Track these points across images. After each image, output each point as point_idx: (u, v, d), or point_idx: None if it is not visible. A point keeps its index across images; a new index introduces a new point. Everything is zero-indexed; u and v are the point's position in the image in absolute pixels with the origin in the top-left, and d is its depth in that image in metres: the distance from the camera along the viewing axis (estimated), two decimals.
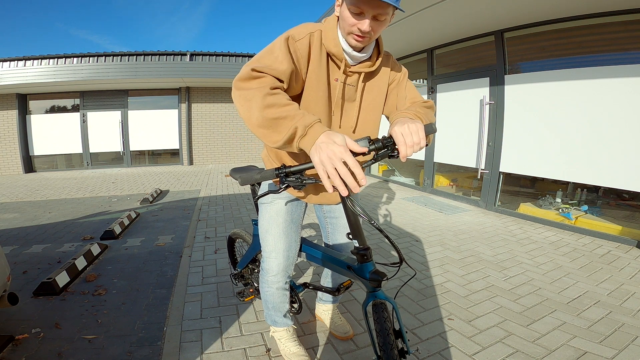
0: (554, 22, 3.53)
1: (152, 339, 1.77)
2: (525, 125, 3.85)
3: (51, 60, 8.65)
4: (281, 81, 1.01)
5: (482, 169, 4.32)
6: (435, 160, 5.28)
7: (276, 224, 1.35)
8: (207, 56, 9.63)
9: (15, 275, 2.53)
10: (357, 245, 1.13)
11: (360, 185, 0.79)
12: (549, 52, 3.77)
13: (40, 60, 8.62)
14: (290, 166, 0.97)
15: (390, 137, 0.96)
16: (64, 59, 8.76)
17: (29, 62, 8.55)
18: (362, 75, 1.17)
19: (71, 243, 3.31)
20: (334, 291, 1.52)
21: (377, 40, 1.17)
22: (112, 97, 9.69)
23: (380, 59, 1.18)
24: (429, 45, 5.09)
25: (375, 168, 7.15)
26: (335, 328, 1.75)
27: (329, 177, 0.80)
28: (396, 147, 0.94)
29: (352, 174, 0.79)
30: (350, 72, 1.16)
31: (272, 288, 1.44)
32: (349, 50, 1.10)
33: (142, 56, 9.26)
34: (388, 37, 4.73)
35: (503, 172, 4.18)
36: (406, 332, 1.48)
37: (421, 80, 5.43)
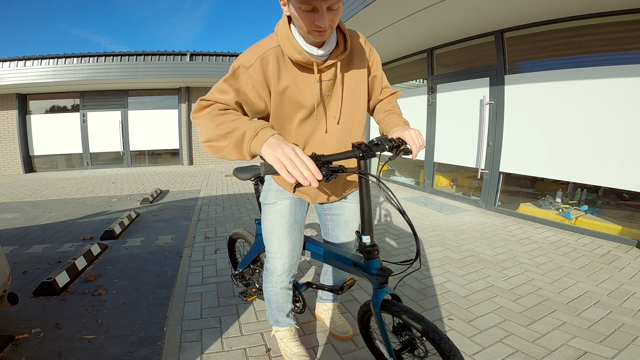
0: (554, 22, 3.53)
1: (152, 339, 1.77)
2: (525, 125, 3.85)
3: (51, 60, 8.65)
4: (233, 108, 1.05)
5: (482, 169, 4.32)
6: (435, 160, 5.28)
7: (280, 224, 1.34)
8: (207, 56, 9.62)
9: (15, 275, 2.53)
10: (366, 241, 1.14)
11: (317, 180, 0.82)
12: (549, 52, 3.77)
13: (40, 60, 8.62)
14: (324, 155, 0.96)
15: (399, 139, 1.12)
16: (64, 59, 8.76)
17: (29, 62, 8.54)
18: (339, 65, 1.14)
19: (71, 243, 3.31)
20: (337, 290, 1.53)
21: (339, 25, 1.13)
22: (112, 97, 9.69)
23: (348, 41, 1.13)
24: (429, 45, 5.09)
25: (375, 168, 7.15)
26: (335, 328, 1.75)
27: (287, 171, 0.81)
28: (408, 147, 1.11)
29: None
30: (325, 67, 1.12)
31: (277, 288, 1.44)
32: (314, 51, 1.07)
33: (142, 56, 9.26)
34: (388, 37, 4.73)
35: (503, 172, 4.18)
36: None
37: (421, 80, 5.43)
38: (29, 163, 9.46)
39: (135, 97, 9.87)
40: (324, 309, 1.83)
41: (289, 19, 1.08)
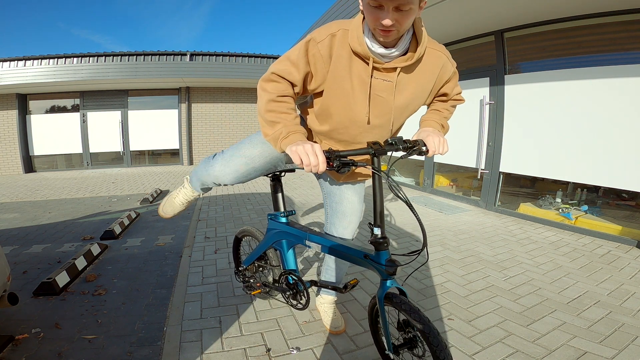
0: (554, 22, 3.53)
1: (152, 339, 1.77)
2: (525, 125, 3.85)
3: (51, 60, 8.65)
4: (295, 85, 1.17)
5: (482, 169, 4.32)
6: (435, 160, 5.28)
7: (261, 155, 1.42)
8: (207, 56, 9.63)
9: (15, 275, 2.53)
10: (377, 233, 1.18)
11: (319, 170, 1.02)
12: (549, 52, 3.77)
13: (40, 60, 8.62)
14: (339, 150, 1.10)
15: (416, 140, 1.19)
16: (64, 59, 8.76)
17: (29, 62, 8.54)
18: (399, 70, 1.11)
19: (71, 243, 3.31)
20: (341, 289, 1.55)
21: (415, 33, 1.11)
22: (112, 97, 9.69)
23: (417, 52, 1.09)
24: None
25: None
26: (328, 321, 1.78)
27: (300, 158, 1.02)
28: (423, 149, 1.19)
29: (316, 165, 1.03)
30: (384, 68, 1.11)
31: (211, 176, 1.53)
32: (377, 48, 1.07)
33: (142, 56, 9.26)
34: None
35: (503, 172, 4.18)
36: None
37: None
38: (29, 163, 9.46)
39: (135, 97, 9.86)
40: (321, 301, 1.87)
41: None
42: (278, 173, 1.67)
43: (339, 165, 1.07)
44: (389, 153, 1.18)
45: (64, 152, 9.69)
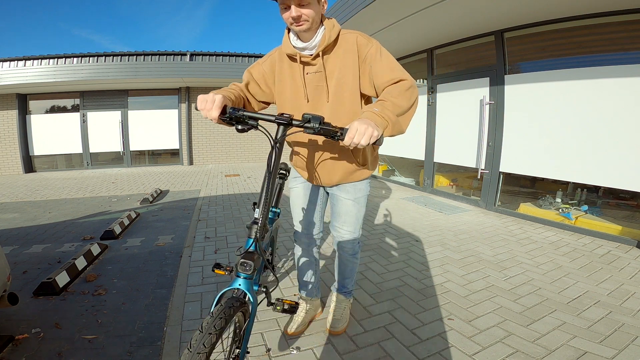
0: (554, 22, 3.53)
1: (152, 339, 1.77)
2: (526, 125, 3.85)
3: (51, 60, 8.65)
4: (248, 83, 1.47)
5: (482, 169, 4.32)
6: (435, 160, 5.28)
7: (296, 204, 1.70)
8: (207, 56, 9.63)
9: (15, 275, 2.53)
10: (256, 215, 1.11)
11: (212, 116, 1.11)
12: (549, 52, 3.77)
13: (40, 60, 8.62)
14: (245, 109, 1.15)
15: (336, 127, 1.06)
16: (64, 59, 8.76)
17: (29, 62, 8.55)
18: (320, 53, 1.31)
19: (71, 243, 3.31)
20: (270, 301, 1.28)
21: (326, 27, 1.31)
22: (112, 97, 9.69)
23: (327, 36, 1.30)
24: (429, 45, 5.09)
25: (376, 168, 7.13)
26: (330, 319, 1.79)
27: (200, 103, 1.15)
28: (336, 136, 1.06)
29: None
30: (311, 61, 1.34)
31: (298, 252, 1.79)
32: (299, 43, 1.32)
33: (142, 56, 9.27)
34: (388, 37, 4.73)
35: (503, 172, 4.18)
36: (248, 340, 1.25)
37: (421, 80, 5.43)
38: (29, 163, 9.46)
39: (135, 97, 9.86)
40: (332, 298, 1.89)
41: None
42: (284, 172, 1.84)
43: (231, 118, 1.11)
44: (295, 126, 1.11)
45: (64, 152, 9.69)
